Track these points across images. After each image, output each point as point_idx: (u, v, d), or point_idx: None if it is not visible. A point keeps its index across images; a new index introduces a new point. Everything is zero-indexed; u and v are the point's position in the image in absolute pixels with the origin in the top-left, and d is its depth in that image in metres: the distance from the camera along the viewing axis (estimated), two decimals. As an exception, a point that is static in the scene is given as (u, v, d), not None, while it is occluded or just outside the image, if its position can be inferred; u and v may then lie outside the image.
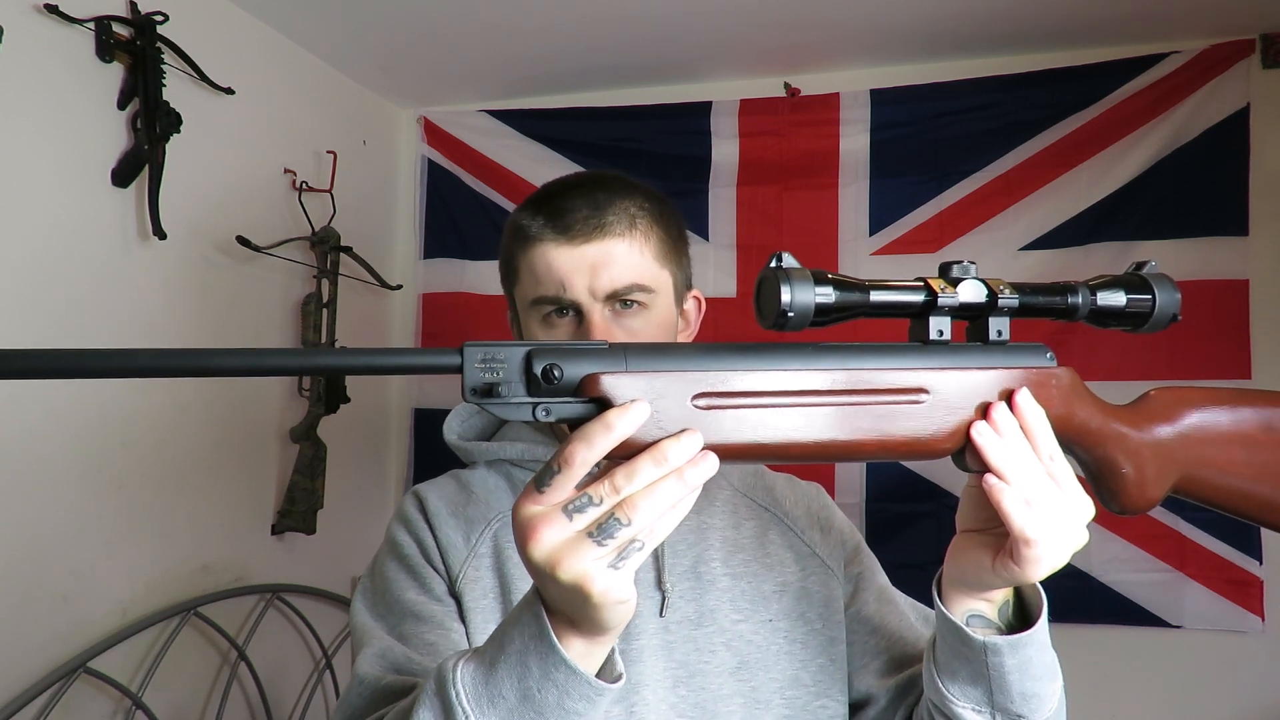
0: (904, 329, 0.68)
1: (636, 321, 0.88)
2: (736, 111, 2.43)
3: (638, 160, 2.46)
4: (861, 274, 2.42)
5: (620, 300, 0.87)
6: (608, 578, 0.54)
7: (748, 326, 2.37)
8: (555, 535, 0.54)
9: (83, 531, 1.68)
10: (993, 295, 0.64)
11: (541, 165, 2.51)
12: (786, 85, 2.41)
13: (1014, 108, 2.27)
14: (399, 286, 2.53)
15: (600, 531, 0.54)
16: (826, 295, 0.60)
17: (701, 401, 0.59)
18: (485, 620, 0.84)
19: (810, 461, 0.63)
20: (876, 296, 0.62)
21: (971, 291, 0.64)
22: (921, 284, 0.64)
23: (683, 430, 0.57)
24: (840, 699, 0.90)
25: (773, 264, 0.60)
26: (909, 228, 2.33)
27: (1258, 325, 2.13)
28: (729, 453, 0.59)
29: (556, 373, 0.57)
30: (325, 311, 2.23)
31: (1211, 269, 2.14)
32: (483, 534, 0.88)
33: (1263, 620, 2.08)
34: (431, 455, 2.60)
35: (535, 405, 0.57)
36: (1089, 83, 2.23)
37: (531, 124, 2.57)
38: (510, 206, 2.20)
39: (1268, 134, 2.14)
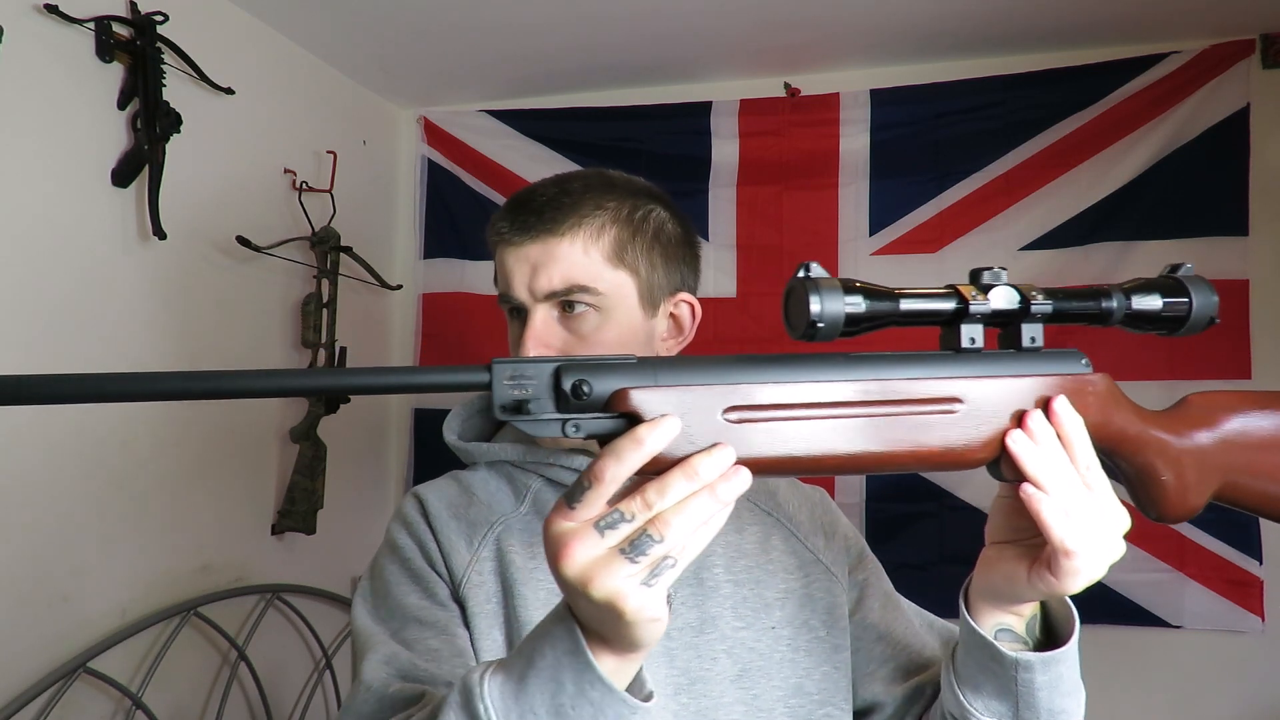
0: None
1: (586, 325, 0.85)
2: (736, 111, 2.43)
3: (638, 160, 2.46)
4: (861, 274, 2.42)
5: (565, 302, 0.85)
6: (641, 595, 0.53)
7: (747, 327, 2.37)
8: (587, 552, 0.53)
9: (83, 531, 1.68)
10: (1025, 301, 0.63)
11: (541, 165, 2.50)
12: (786, 85, 2.41)
13: (1014, 108, 2.27)
14: (399, 286, 2.53)
15: (632, 548, 0.53)
16: (856, 305, 0.58)
17: (732, 415, 0.58)
18: (489, 625, 0.83)
19: (843, 473, 0.62)
20: (906, 305, 0.61)
21: (1003, 298, 0.63)
22: (952, 291, 0.62)
23: (714, 445, 0.56)
24: (845, 707, 0.89)
25: (800, 274, 0.59)
26: (909, 228, 2.32)
27: (1258, 325, 2.13)
28: (761, 466, 0.58)
29: (585, 388, 0.56)
30: (325, 311, 2.23)
31: (1211, 269, 2.13)
32: (485, 537, 0.87)
33: (1263, 620, 2.08)
34: (431, 455, 2.60)
35: (565, 421, 0.57)
36: (1089, 83, 2.22)
37: (531, 124, 2.57)
38: (510, 207, 2.19)
39: (1268, 134, 2.14)
